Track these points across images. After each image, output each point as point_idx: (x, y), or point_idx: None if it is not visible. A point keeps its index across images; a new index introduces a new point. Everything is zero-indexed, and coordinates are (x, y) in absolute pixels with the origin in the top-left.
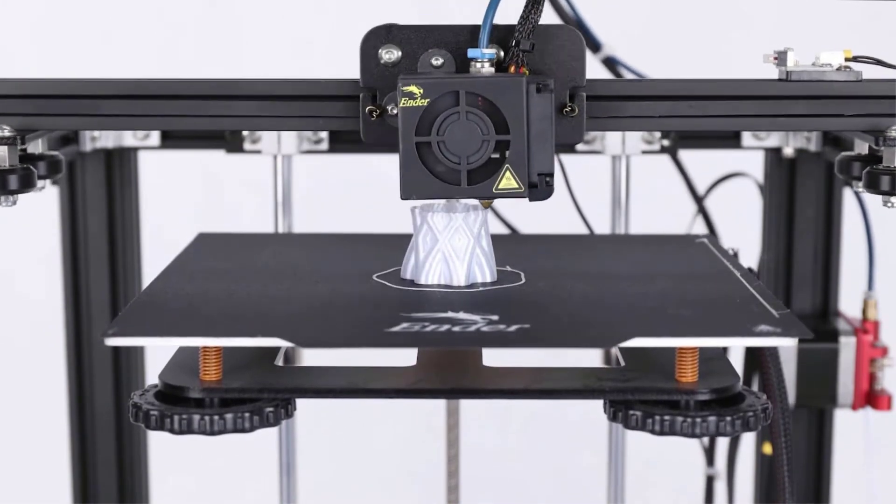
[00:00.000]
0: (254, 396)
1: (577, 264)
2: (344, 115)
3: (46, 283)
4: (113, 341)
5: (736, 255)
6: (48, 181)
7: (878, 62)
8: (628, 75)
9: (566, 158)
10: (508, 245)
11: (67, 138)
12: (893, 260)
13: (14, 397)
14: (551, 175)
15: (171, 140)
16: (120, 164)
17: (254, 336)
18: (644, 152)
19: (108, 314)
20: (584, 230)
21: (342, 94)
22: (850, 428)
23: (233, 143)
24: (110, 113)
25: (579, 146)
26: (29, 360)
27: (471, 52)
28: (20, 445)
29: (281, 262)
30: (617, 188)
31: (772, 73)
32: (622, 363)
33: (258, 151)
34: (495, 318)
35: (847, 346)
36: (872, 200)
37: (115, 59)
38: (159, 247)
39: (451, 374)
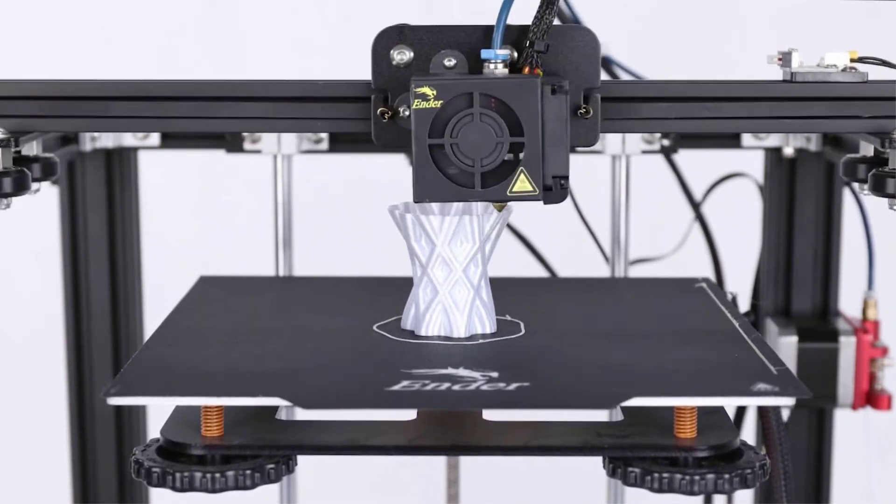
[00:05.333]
0: (255, 453)
1: (575, 314)
2: (354, 117)
3: (45, 282)
4: (114, 401)
5: (734, 300)
6: (44, 183)
7: (884, 63)
8: (623, 75)
9: None
10: (507, 290)
11: (67, 138)
12: (893, 260)
13: (13, 398)
14: (566, 177)
15: (171, 140)
16: (120, 164)
17: (254, 396)
18: (644, 152)
19: (109, 315)
20: (584, 232)
21: (353, 95)
22: (850, 428)
23: (233, 143)
24: (105, 115)
25: (579, 147)
26: (28, 359)
27: (484, 53)
28: (19, 445)
29: (282, 312)
30: (617, 188)
31: (776, 74)
32: (621, 415)
33: (258, 151)
34: (495, 375)
35: (847, 346)
36: (872, 200)
37: (115, 60)
38: (159, 248)
39: (450, 429)
